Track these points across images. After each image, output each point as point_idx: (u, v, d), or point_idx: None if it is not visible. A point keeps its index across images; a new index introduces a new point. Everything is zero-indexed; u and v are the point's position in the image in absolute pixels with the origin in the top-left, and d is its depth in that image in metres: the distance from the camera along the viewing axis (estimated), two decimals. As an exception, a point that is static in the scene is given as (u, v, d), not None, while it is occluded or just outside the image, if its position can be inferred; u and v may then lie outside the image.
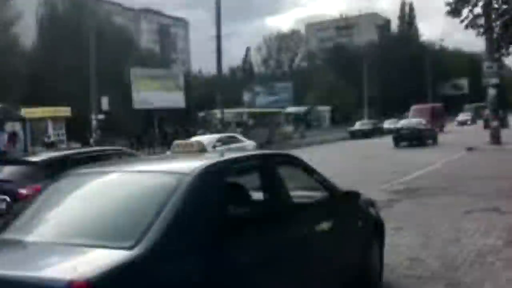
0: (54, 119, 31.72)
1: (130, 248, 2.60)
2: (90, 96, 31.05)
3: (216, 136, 21.37)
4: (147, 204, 3.01)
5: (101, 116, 31.76)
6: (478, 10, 20.22)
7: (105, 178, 3.57)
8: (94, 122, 31.05)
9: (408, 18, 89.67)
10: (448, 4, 20.24)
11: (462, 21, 20.22)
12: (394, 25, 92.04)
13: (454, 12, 20.17)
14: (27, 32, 41.40)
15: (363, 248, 4.75)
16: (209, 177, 3.24)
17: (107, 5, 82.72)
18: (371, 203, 5.39)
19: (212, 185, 3.22)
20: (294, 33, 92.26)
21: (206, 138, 18.77)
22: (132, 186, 3.34)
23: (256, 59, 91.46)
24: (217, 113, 32.14)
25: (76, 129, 33.21)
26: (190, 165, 3.44)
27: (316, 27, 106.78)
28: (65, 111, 32.15)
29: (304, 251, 3.74)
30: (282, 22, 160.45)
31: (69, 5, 39.47)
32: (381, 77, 66.91)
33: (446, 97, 72.39)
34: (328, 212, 4.36)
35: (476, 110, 62.83)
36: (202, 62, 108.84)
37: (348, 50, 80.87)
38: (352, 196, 4.76)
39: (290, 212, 3.80)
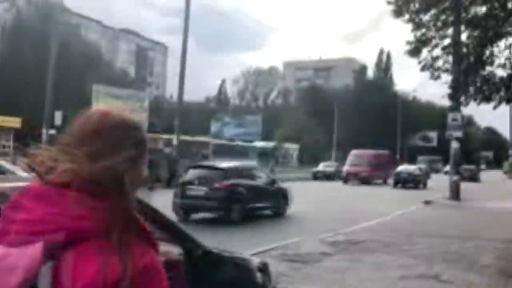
0: (1, 130, 29.93)
1: None
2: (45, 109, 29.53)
3: None
4: None
5: (52, 131, 30.08)
6: (437, 51, 19.92)
7: None
8: (44, 136, 29.40)
9: (384, 66, 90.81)
10: (409, 43, 19.85)
11: (420, 62, 19.84)
12: (371, 72, 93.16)
13: (414, 52, 19.80)
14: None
15: None
16: None
17: (87, 21, 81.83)
18: (262, 266, 4.17)
19: None
20: (272, 69, 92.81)
21: None
22: None
23: (232, 91, 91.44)
24: None
25: (28, 141, 31.49)
26: None
27: (294, 66, 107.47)
28: (14, 122, 30.39)
29: None
30: (263, 58, 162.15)
31: (34, 13, 38.00)
32: (353, 122, 66.78)
33: (415, 147, 72.65)
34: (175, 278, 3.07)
35: (430, 163, 62.04)
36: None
37: (323, 91, 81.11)
38: (217, 258, 3.45)
39: None
